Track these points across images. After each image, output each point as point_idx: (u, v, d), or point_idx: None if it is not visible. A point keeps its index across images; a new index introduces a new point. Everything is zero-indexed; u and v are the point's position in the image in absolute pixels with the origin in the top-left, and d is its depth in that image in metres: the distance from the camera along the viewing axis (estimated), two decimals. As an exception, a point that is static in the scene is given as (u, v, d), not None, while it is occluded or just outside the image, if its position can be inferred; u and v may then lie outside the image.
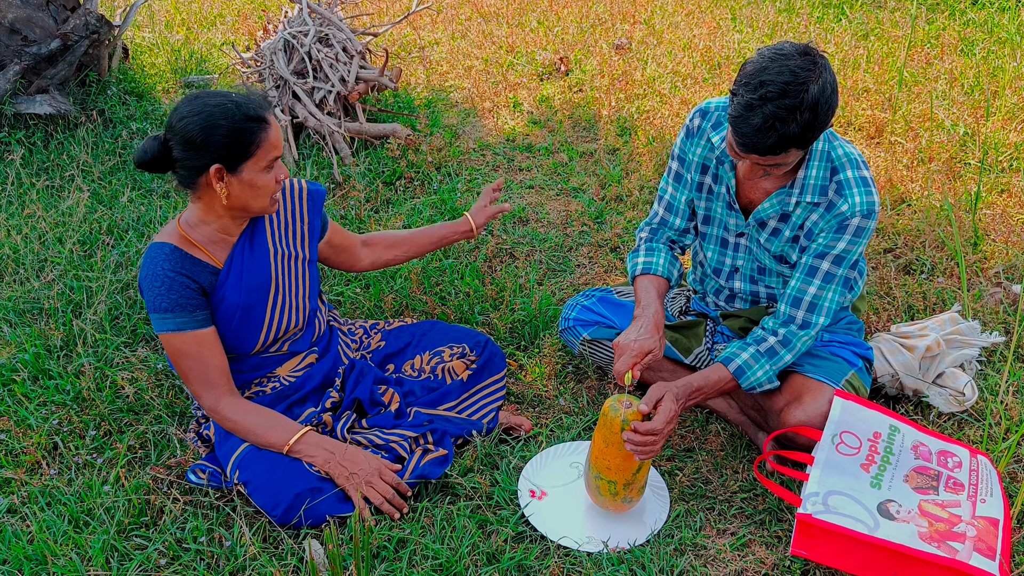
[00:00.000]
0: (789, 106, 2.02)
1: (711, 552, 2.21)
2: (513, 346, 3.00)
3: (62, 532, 2.22)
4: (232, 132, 2.18)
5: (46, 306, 3.10)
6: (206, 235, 2.36)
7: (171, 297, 2.28)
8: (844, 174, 2.26)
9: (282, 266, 2.46)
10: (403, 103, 4.91)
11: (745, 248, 2.52)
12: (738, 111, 2.08)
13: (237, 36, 5.98)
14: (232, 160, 2.21)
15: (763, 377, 2.36)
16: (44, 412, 2.64)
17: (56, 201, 3.85)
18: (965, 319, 2.87)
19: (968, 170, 3.97)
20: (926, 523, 2.08)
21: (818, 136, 2.12)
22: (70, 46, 4.46)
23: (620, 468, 2.17)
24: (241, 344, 2.42)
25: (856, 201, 2.24)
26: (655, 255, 2.59)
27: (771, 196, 2.35)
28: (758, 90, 2.04)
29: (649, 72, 5.20)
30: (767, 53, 2.08)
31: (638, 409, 2.15)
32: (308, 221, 2.52)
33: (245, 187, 2.25)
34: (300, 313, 2.51)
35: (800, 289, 2.34)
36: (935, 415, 2.60)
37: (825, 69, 2.06)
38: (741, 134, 2.09)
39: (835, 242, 2.28)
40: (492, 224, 3.69)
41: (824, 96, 2.04)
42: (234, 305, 2.36)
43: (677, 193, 2.58)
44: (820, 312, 2.34)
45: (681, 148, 2.52)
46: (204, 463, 2.39)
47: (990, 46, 5.32)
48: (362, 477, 2.27)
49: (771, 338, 2.36)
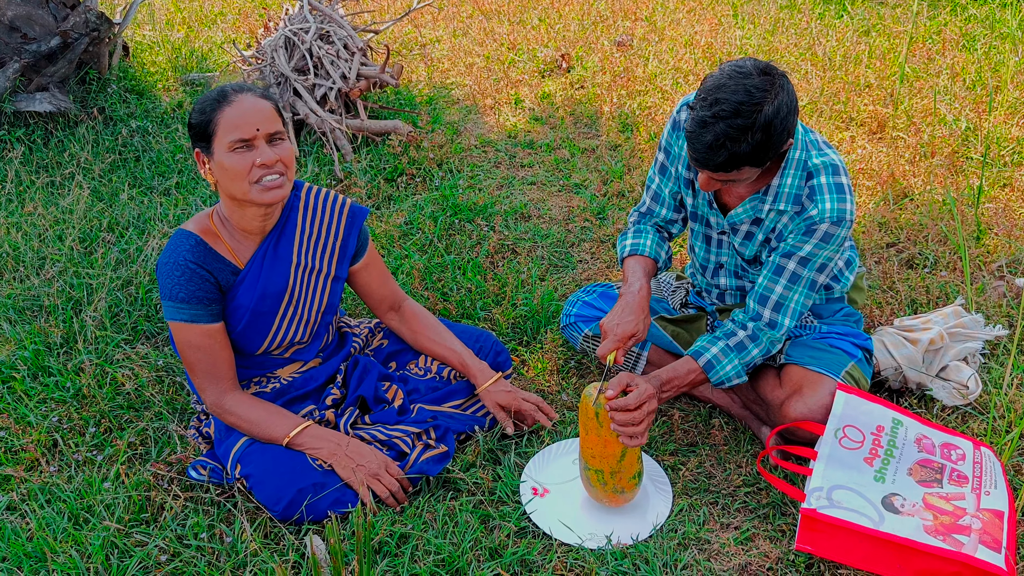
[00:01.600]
0: (741, 126, 2.02)
1: (715, 546, 2.20)
2: (515, 342, 2.98)
3: (62, 529, 2.20)
4: (196, 112, 2.19)
5: (46, 303, 3.09)
6: (231, 231, 2.34)
7: (189, 288, 2.26)
8: (818, 179, 2.25)
9: (302, 278, 2.42)
10: (404, 100, 4.90)
11: (728, 245, 2.52)
12: (692, 127, 2.09)
13: (238, 34, 5.97)
14: (201, 141, 2.21)
15: (731, 372, 2.35)
16: (44, 409, 2.63)
17: (56, 199, 3.84)
18: (968, 312, 2.85)
19: (970, 165, 3.96)
20: (931, 516, 2.07)
21: (773, 155, 2.11)
22: (70, 44, 4.45)
23: (603, 455, 2.17)
24: (245, 346, 2.41)
25: (826, 207, 2.22)
26: (642, 236, 2.59)
27: (744, 202, 2.35)
28: (712, 107, 2.04)
29: (651, 69, 5.19)
30: (727, 69, 2.08)
31: (604, 395, 2.15)
32: (343, 238, 2.47)
33: (220, 169, 2.21)
34: (309, 327, 2.49)
35: (767, 287, 2.34)
36: (939, 408, 2.59)
37: (783, 90, 2.05)
38: (694, 149, 2.10)
39: (801, 244, 2.27)
40: (494, 219, 3.68)
41: (779, 117, 2.04)
42: (244, 308, 2.34)
43: (663, 184, 2.57)
44: (785, 314, 2.34)
45: (667, 140, 2.51)
46: (205, 459, 2.38)
47: (991, 41, 5.30)
48: (368, 470, 2.26)
49: (740, 332, 2.36)
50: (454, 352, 2.61)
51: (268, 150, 2.18)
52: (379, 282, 2.61)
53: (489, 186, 4.05)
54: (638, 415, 2.13)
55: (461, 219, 3.70)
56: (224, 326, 2.34)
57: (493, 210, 3.78)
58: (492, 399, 2.53)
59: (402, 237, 3.58)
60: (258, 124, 2.17)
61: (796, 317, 2.35)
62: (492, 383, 2.55)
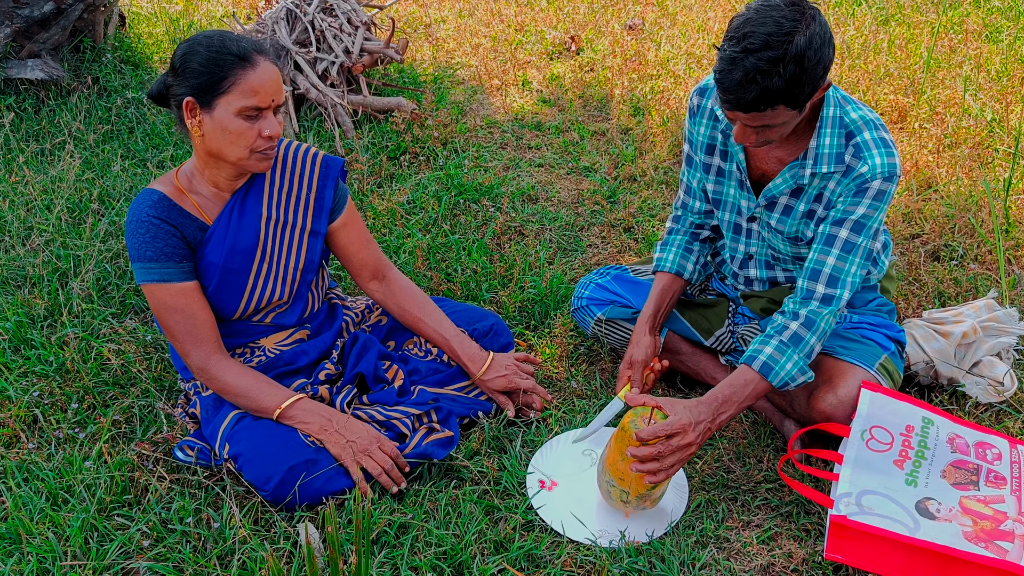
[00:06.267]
0: (772, 58, 1.87)
1: (735, 545, 2.06)
2: (523, 325, 2.84)
3: (39, 509, 2.07)
4: (207, 61, 2.05)
5: (31, 273, 2.95)
6: (201, 188, 2.24)
7: (156, 245, 2.14)
8: (861, 136, 2.11)
9: (274, 233, 2.30)
10: (408, 78, 4.75)
11: (757, 234, 2.39)
12: (720, 65, 1.94)
13: (238, 7, 5.81)
14: (204, 93, 2.07)
15: (794, 369, 2.13)
16: (24, 383, 2.49)
17: (45, 168, 3.69)
18: (1001, 306, 2.71)
19: (997, 156, 3.82)
20: (970, 521, 1.93)
21: (810, 94, 1.96)
22: (64, 10, 4.30)
23: (635, 481, 2.01)
24: (221, 309, 2.28)
25: (876, 163, 2.08)
26: (667, 250, 2.54)
27: (783, 171, 2.20)
28: (740, 43, 1.89)
29: (663, 53, 5.04)
30: (754, 5, 1.94)
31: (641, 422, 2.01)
32: (316, 190, 2.35)
33: (217, 128, 2.09)
34: (286, 285, 2.35)
35: (818, 260, 2.16)
36: (971, 405, 2.45)
37: (814, 20, 1.91)
38: (724, 89, 1.95)
39: (854, 207, 2.12)
40: (500, 200, 3.54)
41: (812, 48, 1.89)
42: (215, 266, 2.22)
43: (691, 175, 2.48)
44: (843, 286, 2.15)
45: (688, 130, 2.41)
46: (192, 439, 2.25)
47: (1017, 32, 5.16)
48: (359, 446, 2.13)
49: (792, 323, 2.16)
50: (442, 337, 2.46)
51: (274, 121, 2.12)
52: (359, 243, 2.46)
53: (495, 167, 3.91)
54: (664, 450, 1.98)
55: (466, 199, 3.55)
56: (199, 285, 2.22)
57: (499, 191, 3.64)
58: (490, 387, 2.42)
59: (405, 215, 3.44)
60: (273, 94, 2.10)
61: (853, 289, 2.17)
62: (487, 368, 2.42)
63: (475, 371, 2.42)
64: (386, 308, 2.54)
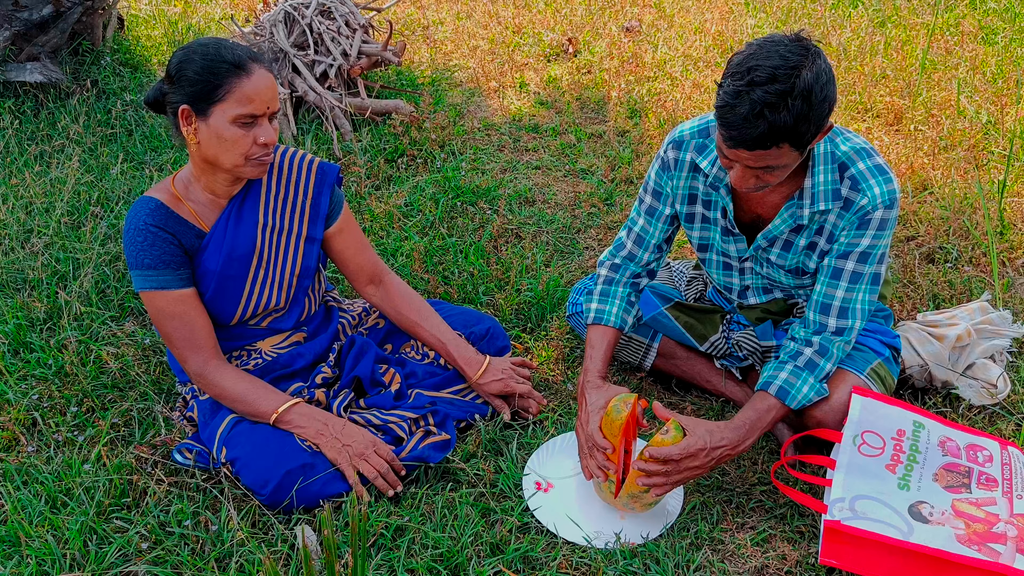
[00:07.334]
0: (779, 91, 1.82)
1: (730, 547, 2.08)
2: (519, 328, 2.86)
3: (38, 512, 2.09)
4: (203, 69, 2.07)
5: (30, 277, 2.96)
6: (197, 195, 2.25)
7: (154, 253, 2.16)
8: (855, 167, 2.08)
9: (270, 239, 2.32)
10: (406, 81, 4.77)
11: (750, 270, 2.37)
12: (724, 100, 1.88)
13: (236, 10, 5.82)
14: (200, 101, 2.08)
15: (810, 392, 2.15)
16: (24, 386, 2.51)
17: (45, 171, 3.71)
18: (995, 309, 2.73)
19: (992, 159, 3.84)
20: (962, 524, 1.95)
21: (814, 133, 1.91)
22: (63, 13, 4.31)
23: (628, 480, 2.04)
24: (218, 315, 2.30)
25: (876, 192, 2.06)
26: (608, 302, 2.38)
27: (780, 212, 2.17)
28: (745, 76, 1.84)
29: (660, 55, 5.06)
30: (756, 42, 1.91)
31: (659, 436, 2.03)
32: (312, 196, 2.36)
33: (213, 136, 2.10)
34: (283, 292, 2.37)
35: (827, 295, 2.16)
36: (964, 408, 2.47)
37: (819, 56, 1.87)
38: (727, 125, 1.89)
39: (858, 239, 2.11)
40: (497, 203, 3.55)
41: (819, 84, 1.85)
42: (212, 272, 2.24)
43: (650, 228, 2.37)
44: (854, 315, 2.16)
45: (656, 182, 2.33)
46: (191, 442, 2.26)
47: (1012, 34, 5.18)
48: (355, 450, 2.15)
49: (807, 350, 2.17)
50: (439, 341, 2.47)
51: (270, 128, 2.14)
52: (355, 249, 2.48)
53: (492, 169, 3.92)
54: (672, 469, 2.00)
55: (463, 201, 3.57)
56: (196, 292, 2.24)
57: (496, 193, 3.66)
58: (486, 391, 2.43)
59: (402, 218, 3.45)
60: (268, 102, 2.12)
61: (865, 316, 2.17)
62: (483, 372, 2.42)
63: (471, 375, 2.43)
64: (383, 312, 2.55)
